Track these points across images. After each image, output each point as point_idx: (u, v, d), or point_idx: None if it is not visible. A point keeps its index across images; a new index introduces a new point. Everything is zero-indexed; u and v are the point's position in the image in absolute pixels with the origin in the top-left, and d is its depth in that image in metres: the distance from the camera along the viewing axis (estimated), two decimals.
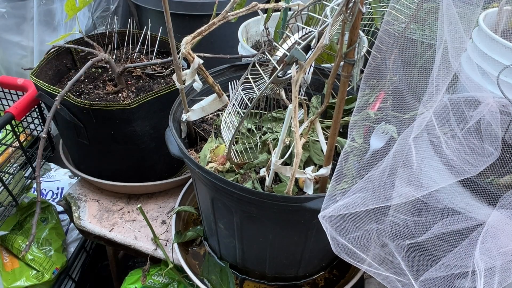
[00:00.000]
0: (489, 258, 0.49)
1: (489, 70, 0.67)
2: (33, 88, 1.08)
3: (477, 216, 0.51)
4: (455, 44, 0.46)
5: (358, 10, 0.47)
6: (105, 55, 0.97)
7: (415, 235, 0.57)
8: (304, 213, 0.66)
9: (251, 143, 0.80)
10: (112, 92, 0.99)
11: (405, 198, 0.50)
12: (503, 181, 0.54)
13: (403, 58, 0.56)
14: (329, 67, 0.91)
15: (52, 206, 1.33)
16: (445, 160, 0.50)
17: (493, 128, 0.52)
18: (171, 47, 0.69)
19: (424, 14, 0.62)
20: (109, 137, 0.96)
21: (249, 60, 1.00)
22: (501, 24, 0.73)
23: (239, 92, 0.67)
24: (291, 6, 0.76)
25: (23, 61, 1.52)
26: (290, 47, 0.63)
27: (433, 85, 0.47)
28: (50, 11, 1.41)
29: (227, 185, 0.65)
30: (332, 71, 0.59)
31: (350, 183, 0.57)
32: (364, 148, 0.62)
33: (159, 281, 1.06)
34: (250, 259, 0.84)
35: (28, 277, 1.17)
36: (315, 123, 0.73)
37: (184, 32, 0.73)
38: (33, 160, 1.14)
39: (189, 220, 1.05)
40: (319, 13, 1.07)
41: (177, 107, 0.80)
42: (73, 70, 1.11)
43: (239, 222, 0.73)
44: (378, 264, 0.58)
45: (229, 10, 0.68)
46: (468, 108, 0.55)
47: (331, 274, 0.92)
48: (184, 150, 0.70)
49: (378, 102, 0.64)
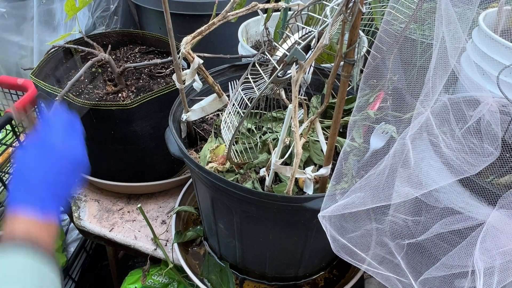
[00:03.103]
0: (488, 258, 0.49)
1: (489, 70, 0.67)
2: (33, 88, 1.08)
3: (477, 216, 0.51)
4: (453, 44, 0.46)
5: (358, 10, 0.47)
6: (105, 55, 0.97)
7: (415, 234, 0.57)
8: (304, 213, 0.66)
9: (251, 143, 0.80)
10: (112, 92, 0.99)
11: (405, 197, 0.50)
12: (503, 181, 0.54)
13: (403, 58, 0.56)
14: (329, 67, 0.91)
15: None
16: (444, 160, 0.50)
17: (493, 128, 0.52)
18: (171, 47, 0.69)
19: (424, 14, 0.62)
20: (109, 137, 0.96)
21: (249, 60, 1.00)
22: (500, 24, 0.73)
23: (239, 92, 0.67)
24: (291, 6, 0.76)
25: (23, 61, 1.52)
26: (290, 47, 0.64)
27: (429, 84, 0.48)
28: (50, 11, 1.41)
29: (227, 185, 0.65)
30: (332, 71, 0.59)
31: (350, 183, 0.57)
32: (363, 148, 0.62)
33: (159, 281, 1.06)
34: (250, 259, 0.84)
35: None
36: (315, 123, 0.73)
37: (184, 32, 0.73)
38: None
39: (189, 220, 1.05)
40: (319, 13, 1.07)
41: (177, 107, 0.80)
42: (73, 70, 1.11)
43: (239, 222, 0.73)
44: (378, 263, 0.58)
45: (229, 10, 0.68)
46: (467, 108, 0.55)
47: (331, 274, 0.92)
48: (184, 150, 0.70)
49: (378, 102, 0.64)
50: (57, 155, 0.54)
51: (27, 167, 0.53)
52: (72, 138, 0.58)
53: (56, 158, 0.54)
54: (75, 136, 0.59)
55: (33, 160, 0.53)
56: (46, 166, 0.53)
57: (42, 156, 0.54)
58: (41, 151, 0.54)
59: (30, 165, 0.53)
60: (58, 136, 0.57)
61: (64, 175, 0.54)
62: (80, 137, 0.60)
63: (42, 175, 0.52)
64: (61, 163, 0.54)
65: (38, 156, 0.54)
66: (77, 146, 0.58)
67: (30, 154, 0.54)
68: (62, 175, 0.53)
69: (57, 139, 0.56)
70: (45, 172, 0.52)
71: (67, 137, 0.58)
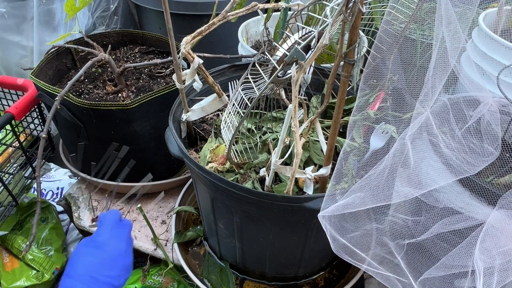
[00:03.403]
0: (488, 258, 0.49)
1: (488, 70, 0.67)
2: (33, 88, 1.08)
3: (477, 216, 0.51)
4: (453, 44, 0.46)
5: (358, 10, 0.47)
6: (105, 55, 0.97)
7: (415, 234, 0.57)
8: (304, 213, 0.66)
9: (251, 143, 0.80)
10: (112, 92, 0.99)
11: (405, 197, 0.50)
12: (503, 181, 0.54)
13: (403, 58, 0.56)
14: (329, 67, 0.91)
15: (52, 206, 1.33)
16: (444, 160, 0.50)
17: (493, 128, 0.52)
18: (171, 47, 0.69)
19: (424, 14, 0.62)
20: (109, 137, 0.96)
21: (249, 60, 1.00)
22: (500, 24, 0.73)
23: (239, 92, 0.67)
24: (291, 6, 0.76)
25: (23, 61, 1.52)
26: (290, 47, 0.64)
27: (429, 84, 0.47)
28: (50, 11, 1.41)
29: (227, 185, 0.65)
30: (332, 71, 0.59)
31: (350, 183, 0.57)
32: (363, 148, 0.62)
33: (159, 281, 1.06)
34: (250, 259, 0.84)
35: (28, 277, 1.17)
36: (315, 123, 0.73)
37: (184, 32, 0.73)
38: (33, 160, 1.14)
39: (189, 220, 1.05)
40: (319, 13, 1.07)
41: (177, 107, 0.80)
42: (73, 70, 1.11)
43: (239, 222, 0.73)
44: (378, 263, 0.58)
45: (229, 10, 0.68)
46: (467, 108, 0.55)
47: (331, 274, 0.92)
48: (184, 150, 0.70)
49: (378, 102, 0.64)
50: (102, 254, 0.63)
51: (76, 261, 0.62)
52: (119, 240, 0.67)
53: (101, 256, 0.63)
54: (122, 238, 0.67)
55: (81, 256, 0.63)
56: (91, 262, 0.62)
57: (90, 253, 0.63)
58: (90, 250, 0.64)
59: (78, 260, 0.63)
60: (106, 237, 0.66)
61: (106, 271, 0.61)
62: (128, 239, 0.69)
63: (87, 270, 0.60)
64: (105, 260, 0.62)
65: (87, 253, 0.63)
66: (122, 249, 0.66)
67: (80, 250, 0.64)
68: (104, 271, 0.61)
69: (105, 241, 0.65)
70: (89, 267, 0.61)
71: (115, 239, 0.67)
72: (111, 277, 0.61)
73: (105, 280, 0.60)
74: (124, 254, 0.65)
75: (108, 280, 0.60)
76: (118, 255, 0.64)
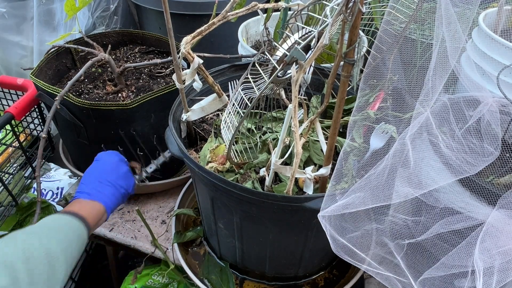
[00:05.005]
0: (488, 258, 0.49)
1: (488, 70, 0.67)
2: (33, 88, 1.08)
3: (477, 216, 0.51)
4: (453, 44, 0.46)
5: (358, 10, 0.47)
6: (105, 55, 0.97)
7: (415, 234, 0.57)
8: (304, 213, 0.66)
9: (251, 143, 0.80)
10: (112, 92, 0.99)
11: (405, 197, 0.50)
12: (503, 181, 0.54)
13: (403, 58, 0.56)
14: (329, 67, 0.91)
15: (52, 206, 1.33)
16: (444, 160, 0.50)
17: (493, 128, 0.52)
18: (171, 47, 0.69)
19: (424, 14, 0.62)
20: (109, 137, 0.96)
21: (249, 60, 1.00)
22: (500, 24, 0.73)
23: (239, 92, 0.67)
24: (291, 6, 0.76)
25: (23, 61, 1.52)
26: (290, 47, 0.64)
27: (429, 84, 0.48)
28: (50, 11, 1.41)
29: (227, 185, 0.65)
30: (332, 71, 0.59)
31: (350, 183, 0.57)
32: (363, 148, 0.62)
33: (159, 281, 1.06)
34: (250, 259, 0.84)
35: None
36: (315, 123, 0.73)
37: (184, 32, 0.73)
38: (33, 160, 1.14)
39: (188, 221, 1.05)
40: (319, 13, 1.08)
41: (177, 107, 0.80)
42: (73, 70, 1.11)
43: (239, 222, 0.73)
44: (378, 263, 0.58)
45: (229, 10, 0.68)
46: (467, 108, 0.55)
47: (331, 274, 0.92)
48: (184, 150, 0.70)
49: (378, 102, 0.64)
50: (110, 170, 0.83)
51: (90, 172, 0.82)
52: (122, 166, 0.85)
53: (109, 171, 0.82)
54: (124, 166, 0.86)
55: (94, 168, 0.83)
56: (102, 173, 0.81)
57: (102, 167, 0.83)
58: (102, 165, 0.83)
59: (92, 170, 0.82)
60: (114, 160, 0.85)
61: (106, 176, 0.81)
62: (119, 156, 0.87)
63: (99, 178, 0.80)
64: (111, 175, 0.82)
65: (100, 167, 0.83)
66: (125, 170, 0.86)
67: (94, 165, 0.84)
68: (112, 181, 0.81)
69: (113, 162, 0.85)
70: (100, 176, 0.80)
71: (108, 155, 0.86)
72: (112, 180, 0.80)
73: (107, 183, 0.80)
74: (117, 164, 0.84)
75: (110, 183, 0.80)
76: (112, 164, 0.84)
